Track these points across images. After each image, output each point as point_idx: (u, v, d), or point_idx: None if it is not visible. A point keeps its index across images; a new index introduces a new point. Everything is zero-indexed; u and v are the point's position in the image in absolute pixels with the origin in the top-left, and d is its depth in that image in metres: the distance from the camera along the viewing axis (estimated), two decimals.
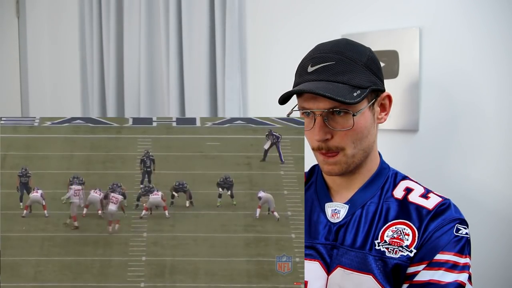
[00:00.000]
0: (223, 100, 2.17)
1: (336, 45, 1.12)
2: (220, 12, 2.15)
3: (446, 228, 1.09)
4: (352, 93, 1.05)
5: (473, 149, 1.64)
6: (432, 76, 1.70)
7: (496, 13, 1.58)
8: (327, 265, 1.15)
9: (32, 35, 2.98)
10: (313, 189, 1.27)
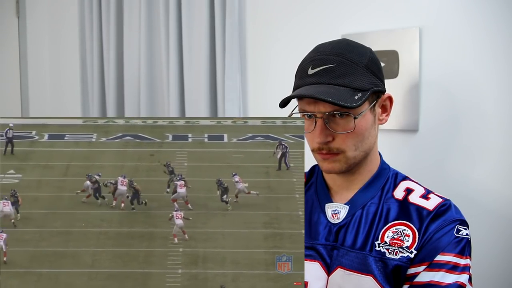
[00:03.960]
0: (223, 100, 2.17)
1: (337, 47, 1.11)
2: (220, 12, 2.15)
3: (446, 229, 1.09)
4: (353, 96, 1.05)
5: (473, 149, 1.64)
6: (432, 76, 1.70)
7: (496, 13, 1.58)
8: (327, 266, 1.15)
9: (32, 35, 2.98)
10: (313, 190, 1.27)
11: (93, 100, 2.66)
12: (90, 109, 2.72)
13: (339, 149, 1.11)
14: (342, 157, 1.12)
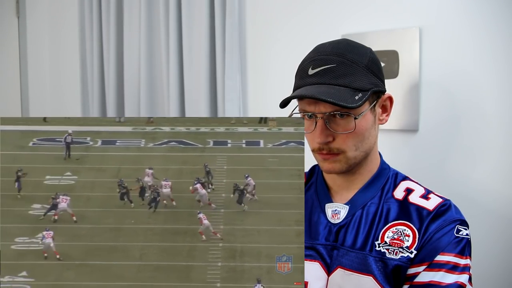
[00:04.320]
0: (223, 100, 2.17)
1: (337, 47, 1.11)
2: (220, 12, 2.15)
3: (446, 229, 1.09)
4: (353, 97, 1.05)
5: (473, 149, 1.64)
6: (432, 76, 1.70)
7: (496, 13, 1.58)
8: (328, 266, 1.15)
9: (32, 35, 2.98)
10: (313, 190, 1.27)
11: (93, 100, 2.66)
12: (90, 109, 2.72)
13: (339, 149, 1.11)
14: (343, 157, 1.12)
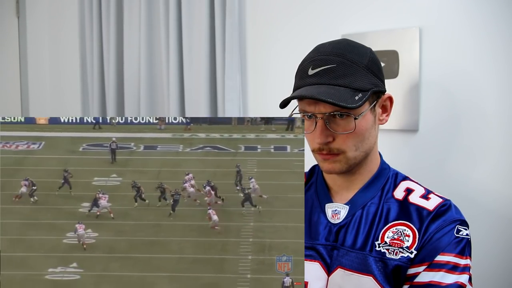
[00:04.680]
0: (223, 100, 2.17)
1: (337, 47, 1.11)
2: (220, 12, 2.15)
3: (446, 229, 1.09)
4: (353, 97, 1.05)
5: (473, 149, 1.64)
6: (432, 76, 1.70)
7: (496, 13, 1.58)
8: (328, 266, 1.15)
9: (32, 35, 2.98)
10: (313, 190, 1.27)
11: (93, 100, 2.66)
12: (90, 109, 2.72)
13: (339, 150, 1.11)
14: (343, 158, 1.11)
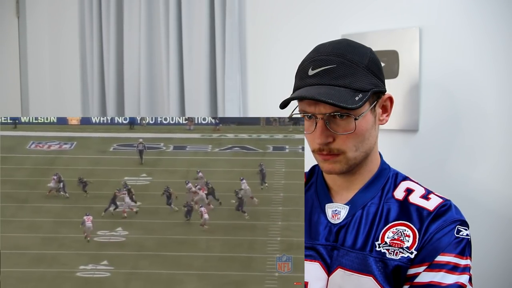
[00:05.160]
0: (223, 100, 2.17)
1: (337, 47, 1.11)
2: (220, 12, 2.15)
3: (447, 229, 1.09)
4: (354, 98, 1.05)
5: (473, 149, 1.64)
6: (432, 76, 1.70)
7: (496, 13, 1.58)
8: (328, 266, 1.15)
9: (32, 35, 2.98)
10: (313, 190, 1.27)
11: (93, 100, 2.66)
12: (90, 109, 2.72)
13: (339, 150, 1.11)
14: (343, 158, 1.11)
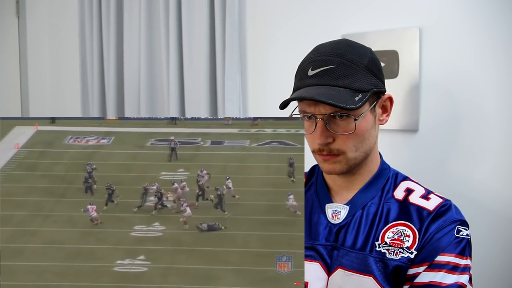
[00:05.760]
0: (223, 100, 2.17)
1: (337, 47, 1.11)
2: (220, 12, 2.15)
3: (447, 229, 1.09)
4: (353, 98, 1.05)
5: (473, 149, 1.64)
6: (432, 76, 1.70)
7: (496, 13, 1.58)
8: (328, 266, 1.15)
9: (32, 35, 2.98)
10: (313, 190, 1.27)
11: (93, 100, 2.66)
12: (90, 109, 2.72)
13: (339, 150, 1.11)
14: (343, 158, 1.12)
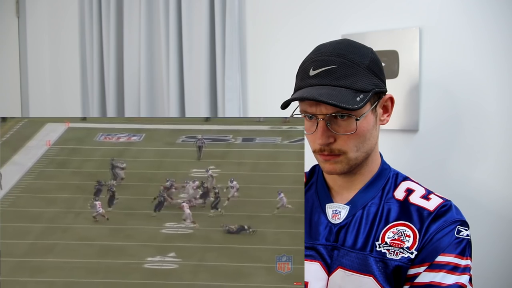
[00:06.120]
0: (223, 100, 2.17)
1: (338, 47, 1.11)
2: (220, 12, 2.14)
3: (447, 230, 1.09)
4: (355, 98, 1.05)
5: (473, 149, 1.64)
6: (432, 76, 1.70)
7: (496, 13, 1.58)
8: (328, 266, 1.15)
9: (32, 35, 2.98)
10: (313, 190, 1.27)
11: (93, 100, 2.66)
12: (90, 109, 2.72)
13: (340, 151, 1.11)
14: (344, 158, 1.12)
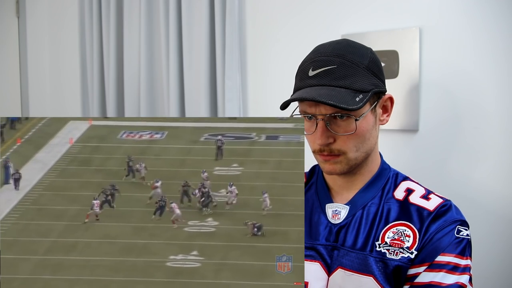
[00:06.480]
0: (223, 100, 2.17)
1: (337, 48, 1.11)
2: (220, 12, 2.15)
3: (447, 229, 1.09)
4: (354, 98, 1.05)
5: (473, 149, 1.64)
6: (432, 76, 1.70)
7: (496, 13, 1.58)
8: (328, 266, 1.15)
9: (32, 35, 2.98)
10: (313, 190, 1.27)
11: (93, 100, 2.66)
12: (90, 109, 2.72)
13: (340, 151, 1.11)
14: (343, 159, 1.12)
